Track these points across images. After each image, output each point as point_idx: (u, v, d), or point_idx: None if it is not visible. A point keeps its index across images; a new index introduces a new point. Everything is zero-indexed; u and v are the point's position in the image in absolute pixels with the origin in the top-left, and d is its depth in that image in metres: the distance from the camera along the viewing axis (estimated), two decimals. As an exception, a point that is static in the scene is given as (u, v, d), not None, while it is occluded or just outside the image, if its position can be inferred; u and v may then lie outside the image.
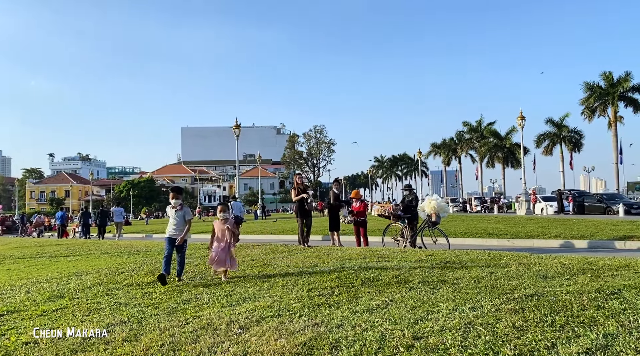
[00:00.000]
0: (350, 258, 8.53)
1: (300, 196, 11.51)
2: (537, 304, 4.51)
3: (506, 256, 7.92)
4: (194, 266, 8.12)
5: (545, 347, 3.32)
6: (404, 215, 12.11)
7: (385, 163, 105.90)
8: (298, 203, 11.61)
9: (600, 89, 42.29)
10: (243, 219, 17.17)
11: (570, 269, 6.45)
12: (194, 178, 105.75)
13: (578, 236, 13.16)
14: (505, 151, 58.66)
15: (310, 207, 11.74)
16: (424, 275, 6.42)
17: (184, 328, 4.23)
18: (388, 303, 4.90)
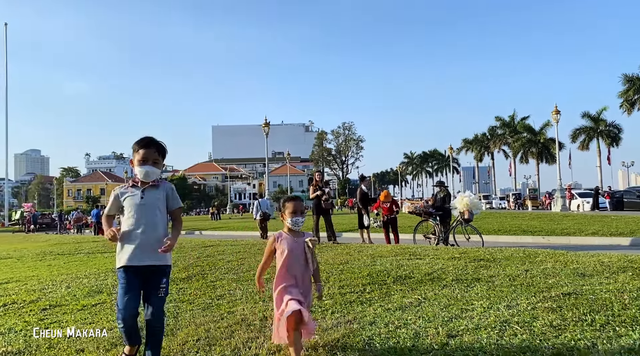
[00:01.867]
0: (382, 255, 8.48)
1: (316, 194, 11.57)
2: (575, 303, 4.39)
3: (542, 254, 7.74)
4: (226, 262, 8.23)
5: (585, 347, 3.24)
6: (435, 212, 11.97)
7: (415, 160, 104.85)
8: (315, 200, 11.65)
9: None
10: (271, 215, 17.35)
11: (609, 267, 6.26)
12: (224, 176, 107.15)
13: (617, 233, 12.75)
14: (540, 146, 57.26)
15: (327, 205, 11.73)
16: (457, 273, 6.34)
17: (218, 324, 4.30)
18: (421, 300, 4.87)
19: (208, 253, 9.91)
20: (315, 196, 11.65)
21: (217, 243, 12.16)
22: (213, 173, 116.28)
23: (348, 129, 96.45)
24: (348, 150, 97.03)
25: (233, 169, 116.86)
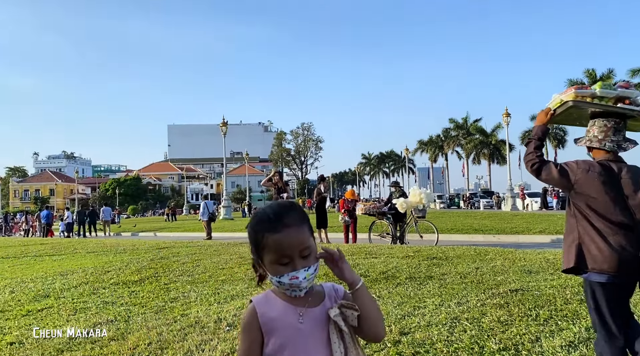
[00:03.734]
0: (338, 254, 8.54)
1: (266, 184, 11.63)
2: (521, 298, 4.58)
3: (492, 252, 8.01)
4: (181, 264, 8.09)
5: (529, 341, 3.39)
6: (388, 212, 12.17)
7: (373, 160, 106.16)
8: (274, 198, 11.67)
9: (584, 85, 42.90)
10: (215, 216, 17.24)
11: (554, 264, 6.55)
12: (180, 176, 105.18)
13: (562, 231, 13.34)
14: (491, 147, 59.20)
15: None
16: (410, 271, 6.47)
17: (171, 327, 4.22)
18: (376, 299, 4.93)
19: (162, 254, 9.71)
20: (274, 195, 11.63)
21: (172, 245, 11.93)
22: (169, 173, 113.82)
23: (307, 130, 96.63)
24: (307, 150, 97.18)
25: (190, 169, 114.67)
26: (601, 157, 2.67)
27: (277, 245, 1.32)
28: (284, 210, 1.38)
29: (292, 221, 1.35)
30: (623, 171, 2.58)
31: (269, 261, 1.35)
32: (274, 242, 1.32)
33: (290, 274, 1.33)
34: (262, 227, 1.36)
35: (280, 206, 1.41)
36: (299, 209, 1.40)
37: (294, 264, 1.33)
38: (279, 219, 1.34)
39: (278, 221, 1.34)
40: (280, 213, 1.36)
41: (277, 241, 1.32)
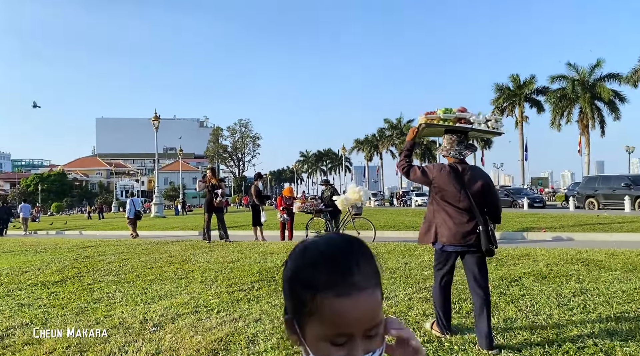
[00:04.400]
0: (273, 252, 8.52)
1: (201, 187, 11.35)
2: (446, 292, 4.77)
3: (420, 248, 8.28)
4: (107, 264, 7.73)
5: (453, 331, 3.52)
6: (325, 209, 12.28)
7: (311, 158, 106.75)
8: (207, 196, 11.39)
9: (509, 90, 45.27)
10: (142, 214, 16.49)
11: (478, 259, 6.88)
12: (109, 172, 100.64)
13: (487, 228, 14.06)
14: (423, 147, 61.22)
15: (220, 203, 11.48)
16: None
17: (93, 329, 4.02)
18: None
19: (87, 254, 9.25)
20: (208, 194, 11.33)
21: (98, 244, 11.39)
22: (97, 169, 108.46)
23: (245, 126, 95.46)
24: (245, 147, 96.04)
25: (119, 165, 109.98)
26: (451, 162, 3.62)
27: (336, 316, 0.79)
28: (355, 258, 0.82)
29: (365, 279, 0.81)
30: (466, 170, 3.54)
31: (315, 335, 0.82)
32: (332, 311, 0.79)
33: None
34: (315, 278, 0.81)
35: (347, 248, 0.83)
36: (372, 256, 0.86)
37: (353, 347, 0.81)
38: (347, 272, 0.80)
39: (345, 275, 0.80)
40: (349, 263, 0.81)
41: (338, 310, 0.79)
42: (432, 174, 3.54)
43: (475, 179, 3.49)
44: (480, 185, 3.48)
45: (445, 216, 3.46)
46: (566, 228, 12.47)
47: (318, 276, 0.80)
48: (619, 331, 3.35)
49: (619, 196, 20.87)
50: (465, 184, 3.45)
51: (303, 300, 0.81)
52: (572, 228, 12.57)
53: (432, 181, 3.53)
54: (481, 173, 3.61)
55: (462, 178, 3.47)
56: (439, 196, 3.52)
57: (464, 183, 3.45)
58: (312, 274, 0.81)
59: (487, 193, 3.51)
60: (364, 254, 0.84)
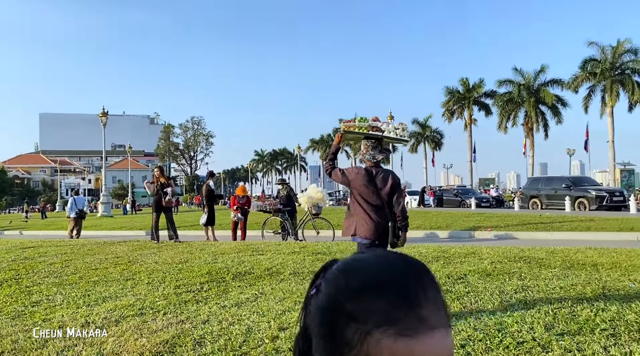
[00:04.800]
0: (224, 252, 8.40)
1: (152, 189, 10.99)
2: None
3: (372, 247, 8.40)
4: (48, 265, 7.39)
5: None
6: (284, 208, 12.23)
7: (266, 157, 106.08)
8: (156, 196, 11.06)
9: (459, 93, 46.65)
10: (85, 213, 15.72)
11: (426, 257, 7.04)
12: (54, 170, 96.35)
13: (437, 227, 14.41)
14: (377, 148, 62.17)
15: (169, 202, 11.19)
16: (295, 267, 6.55)
17: (29, 333, 3.83)
18: (258, 296, 4.92)
19: (27, 254, 8.80)
20: (156, 193, 11.01)
21: (40, 244, 10.86)
22: (40, 166, 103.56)
23: (197, 124, 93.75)
24: (197, 145, 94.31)
25: (65, 162, 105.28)
26: (367, 165, 4.13)
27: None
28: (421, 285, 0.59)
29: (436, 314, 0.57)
30: (379, 173, 4.03)
31: None
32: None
33: None
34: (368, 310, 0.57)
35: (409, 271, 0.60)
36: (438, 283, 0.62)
37: None
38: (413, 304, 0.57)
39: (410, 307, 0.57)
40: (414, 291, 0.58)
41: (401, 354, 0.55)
42: (350, 176, 4.08)
43: (386, 181, 4.01)
44: (390, 186, 4.00)
45: (362, 212, 3.96)
46: (511, 227, 12.98)
47: (372, 307, 0.56)
48: (556, 326, 3.51)
49: (560, 196, 21.90)
50: (378, 185, 3.97)
51: (348, 339, 0.57)
52: (516, 227, 13.09)
53: (351, 182, 4.07)
54: (392, 175, 4.11)
55: (375, 179, 3.99)
56: (357, 195, 4.03)
57: (378, 183, 3.98)
58: (364, 304, 0.57)
59: (396, 193, 4.05)
60: (431, 280, 0.60)
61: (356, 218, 3.99)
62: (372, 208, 3.92)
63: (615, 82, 35.94)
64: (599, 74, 36.36)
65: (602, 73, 36.22)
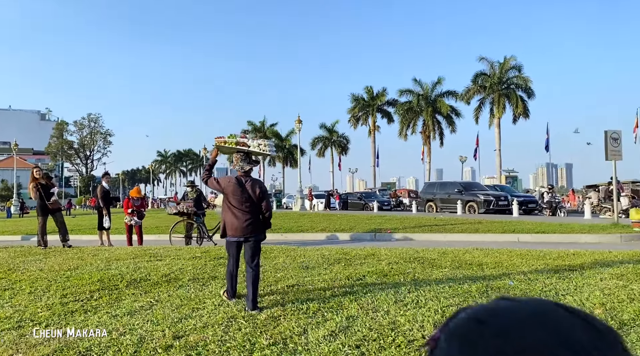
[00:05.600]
0: (119, 258, 7.94)
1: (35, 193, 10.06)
2: (296, 293, 4.88)
3: (276, 250, 8.39)
4: None
5: (297, 333, 3.60)
6: (198, 211, 11.78)
7: (170, 158, 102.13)
8: (39, 200, 10.11)
9: (364, 100, 48.31)
10: None
11: (329, 259, 7.17)
12: None
13: (340, 229, 14.75)
14: (286, 151, 62.38)
15: (55, 204, 10.34)
16: (195, 272, 6.36)
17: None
18: (153, 303, 4.70)
19: None
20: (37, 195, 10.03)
21: None
22: None
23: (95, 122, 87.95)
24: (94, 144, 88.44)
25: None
26: (238, 174, 4.76)
27: None
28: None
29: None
30: (248, 181, 4.66)
31: None
32: None
33: None
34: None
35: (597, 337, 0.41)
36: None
37: None
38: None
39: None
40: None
41: None
42: (223, 184, 4.66)
43: (255, 188, 4.64)
44: (258, 192, 4.64)
45: (232, 216, 4.55)
46: (408, 229, 13.64)
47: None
48: (438, 323, 3.71)
49: (453, 200, 23.41)
50: (247, 191, 4.59)
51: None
52: (413, 229, 13.78)
53: (223, 189, 4.64)
54: (259, 184, 4.77)
55: (244, 186, 4.61)
56: (228, 201, 4.60)
57: (246, 190, 4.59)
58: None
59: (262, 198, 4.67)
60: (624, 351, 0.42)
61: (227, 220, 4.59)
62: (240, 211, 4.54)
63: (502, 95, 39.30)
64: (488, 87, 39.57)
65: (491, 87, 39.44)
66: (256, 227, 4.59)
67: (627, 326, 3.55)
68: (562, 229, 11.82)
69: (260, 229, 4.65)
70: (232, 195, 4.57)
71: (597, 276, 5.46)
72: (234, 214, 4.53)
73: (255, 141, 4.94)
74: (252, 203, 4.58)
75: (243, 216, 4.51)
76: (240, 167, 4.76)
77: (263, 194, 4.66)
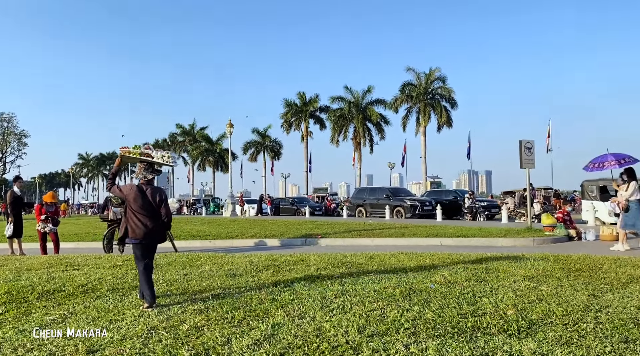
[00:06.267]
0: (31, 268, 7.42)
1: None
2: (221, 302, 4.77)
3: (203, 257, 8.19)
4: None
5: (220, 343, 3.52)
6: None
7: (92, 161, 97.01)
8: None
9: (296, 106, 48.51)
10: None
11: (257, 266, 7.09)
12: None
13: (271, 235, 14.66)
14: (216, 155, 61.20)
15: None
16: (115, 282, 6.07)
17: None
18: (67, 316, 4.42)
19: None
20: None
21: None
22: None
23: (8, 121, 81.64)
24: (7, 145, 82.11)
25: None
26: (140, 182, 5.14)
27: None
28: None
29: None
30: (148, 189, 5.06)
31: None
32: None
33: None
34: None
35: None
36: None
37: None
38: None
39: None
40: None
41: None
42: (125, 191, 5.03)
43: (155, 195, 5.05)
44: (158, 199, 5.04)
45: (134, 220, 4.93)
46: (338, 234, 13.81)
47: None
48: (367, 328, 3.79)
49: (381, 205, 24.03)
50: (148, 198, 4.99)
51: None
52: (343, 234, 13.98)
53: (125, 196, 5.02)
54: (160, 191, 5.16)
55: (145, 194, 5.00)
56: (130, 207, 4.98)
57: (147, 197, 4.99)
58: None
59: (162, 205, 5.07)
60: None
61: (130, 224, 4.94)
62: (141, 216, 4.93)
63: (427, 105, 40.98)
64: (415, 97, 41.15)
65: (417, 96, 41.04)
66: (156, 231, 5.02)
67: (535, 326, 3.79)
68: (481, 233, 12.46)
69: (159, 233, 5.10)
70: (134, 202, 4.95)
71: (511, 278, 5.80)
72: (136, 219, 4.93)
73: (159, 152, 5.42)
74: (153, 209, 5.00)
75: (145, 221, 4.93)
76: (143, 176, 5.17)
77: (162, 201, 5.09)
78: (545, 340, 3.41)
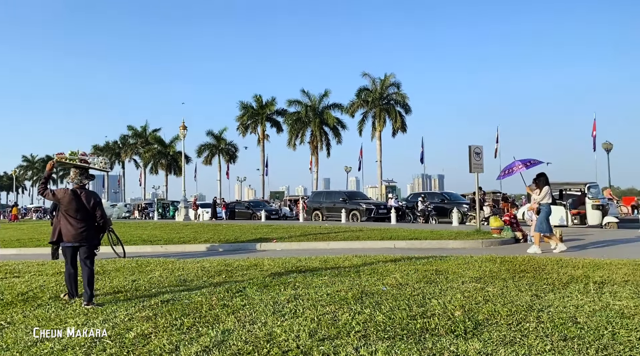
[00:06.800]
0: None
1: None
2: (170, 308, 4.66)
3: (153, 263, 7.98)
4: None
5: (168, 351, 3.43)
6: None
7: (37, 164, 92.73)
8: None
9: (253, 109, 48.15)
10: None
11: (209, 271, 6.98)
12: None
13: (225, 239, 14.46)
14: (169, 158, 59.84)
15: None
16: (58, 290, 5.82)
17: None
18: (4, 326, 4.21)
19: None
20: None
21: None
22: None
23: (-57, 120, 77.10)
24: (-58, 145, 77.38)
25: None
26: (75, 187, 5.31)
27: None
28: None
29: None
30: (83, 193, 5.26)
31: None
32: None
33: None
34: None
35: None
36: None
37: None
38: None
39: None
40: None
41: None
42: (59, 195, 5.21)
43: (89, 199, 5.25)
44: (92, 203, 5.25)
45: (67, 224, 5.11)
46: (294, 238, 13.78)
47: None
48: (319, 332, 3.79)
49: (338, 208, 24.18)
50: (82, 202, 5.17)
51: None
52: (299, 237, 13.96)
53: (60, 200, 5.19)
54: (94, 195, 5.38)
55: (80, 198, 5.18)
56: (64, 211, 5.15)
57: (81, 201, 5.17)
58: None
59: (97, 208, 5.27)
60: None
61: (62, 227, 5.11)
62: (75, 219, 5.11)
63: (383, 110, 41.61)
64: (371, 102, 41.71)
65: (373, 101, 41.60)
66: (90, 234, 5.19)
67: (481, 326, 3.90)
68: (432, 236, 12.74)
69: (94, 236, 5.27)
70: (68, 205, 5.12)
71: (460, 279, 5.96)
72: (69, 222, 5.10)
73: (95, 158, 5.94)
74: (87, 212, 5.18)
75: (78, 224, 5.11)
76: (78, 181, 5.36)
77: (97, 205, 5.29)
78: (490, 340, 3.52)
